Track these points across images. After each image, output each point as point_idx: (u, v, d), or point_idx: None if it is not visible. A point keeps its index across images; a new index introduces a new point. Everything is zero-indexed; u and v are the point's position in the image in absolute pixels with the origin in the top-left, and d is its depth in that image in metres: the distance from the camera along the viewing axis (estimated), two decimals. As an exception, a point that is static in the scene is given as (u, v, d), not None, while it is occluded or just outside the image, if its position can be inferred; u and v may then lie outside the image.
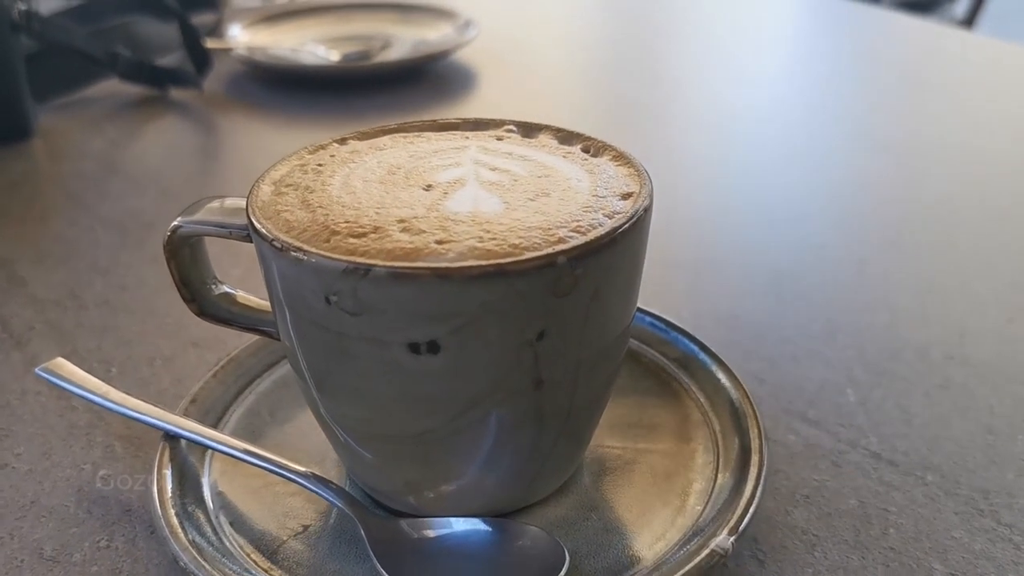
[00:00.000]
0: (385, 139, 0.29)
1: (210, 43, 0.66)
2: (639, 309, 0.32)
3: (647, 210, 0.24)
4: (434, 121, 0.30)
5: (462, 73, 0.69)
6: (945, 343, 0.35)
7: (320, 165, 0.27)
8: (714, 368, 0.31)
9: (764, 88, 0.67)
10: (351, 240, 0.22)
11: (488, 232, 0.22)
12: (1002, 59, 0.71)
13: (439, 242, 0.22)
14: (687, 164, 0.54)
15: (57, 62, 0.61)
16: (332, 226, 0.23)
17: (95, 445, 0.31)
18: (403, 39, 0.72)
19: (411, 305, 0.21)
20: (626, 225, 0.23)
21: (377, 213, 0.23)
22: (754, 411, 0.28)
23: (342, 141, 0.29)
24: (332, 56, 0.68)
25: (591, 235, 0.22)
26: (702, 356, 0.31)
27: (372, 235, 0.22)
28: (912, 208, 0.48)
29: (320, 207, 0.24)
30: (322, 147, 0.28)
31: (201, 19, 0.80)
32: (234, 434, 0.29)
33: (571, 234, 0.22)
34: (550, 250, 0.21)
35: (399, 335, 0.21)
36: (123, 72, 0.63)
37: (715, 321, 0.38)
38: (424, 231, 0.22)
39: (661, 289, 0.40)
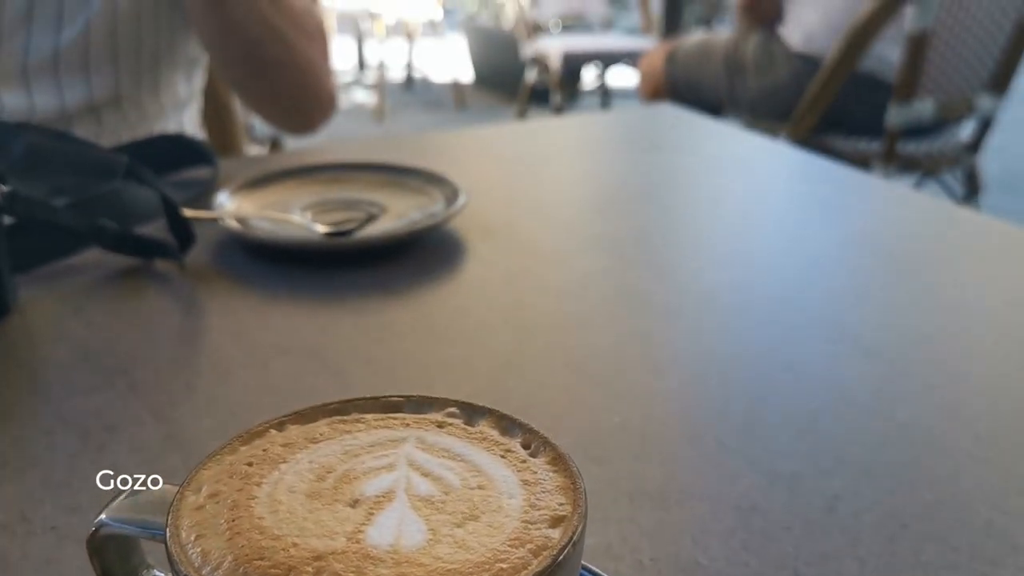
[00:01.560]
0: (323, 425, 0.28)
1: (194, 213, 0.67)
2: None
3: (575, 544, 0.23)
4: (376, 399, 0.29)
5: (448, 245, 0.70)
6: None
7: (250, 465, 0.26)
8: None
9: (749, 289, 0.66)
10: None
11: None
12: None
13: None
14: (665, 366, 0.53)
15: (39, 235, 0.62)
16: (245, 564, 0.22)
17: None
18: (392, 207, 0.73)
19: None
20: (550, 566, 0.22)
21: (295, 546, 0.22)
22: None
23: (280, 426, 0.28)
24: (318, 227, 0.68)
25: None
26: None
27: (283, 583, 0.21)
28: (888, 428, 0.47)
29: (239, 534, 0.23)
30: (258, 435, 0.28)
31: (196, 173, 0.82)
32: None
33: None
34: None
35: None
36: (106, 244, 0.63)
37: (676, 570, 0.36)
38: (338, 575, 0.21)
39: (625, 525, 0.39)
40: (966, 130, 2.21)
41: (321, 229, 0.68)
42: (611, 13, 3.85)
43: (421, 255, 0.68)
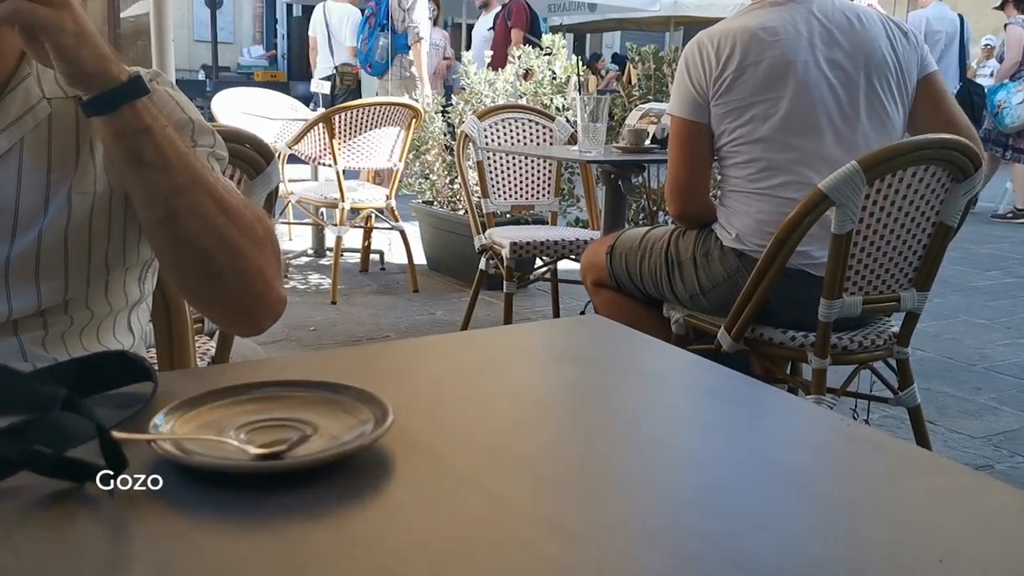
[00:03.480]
0: None
1: (126, 436, 0.69)
2: None
3: None
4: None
5: (375, 465, 0.72)
6: None
7: None
8: None
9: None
10: None
11: None
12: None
13: None
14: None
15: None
16: None
17: None
18: (324, 427, 0.76)
19: None
20: None
21: None
22: None
23: None
24: (250, 449, 0.71)
25: None
26: None
27: None
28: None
29: None
30: None
31: (138, 389, 0.85)
32: None
33: None
34: None
35: None
36: (40, 469, 0.65)
37: None
38: None
39: None
40: (897, 321, 2.31)
41: (252, 451, 0.71)
42: (560, 205, 4.03)
43: (349, 475, 0.71)
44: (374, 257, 5.10)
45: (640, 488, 0.70)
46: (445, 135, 4.91)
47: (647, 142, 3.11)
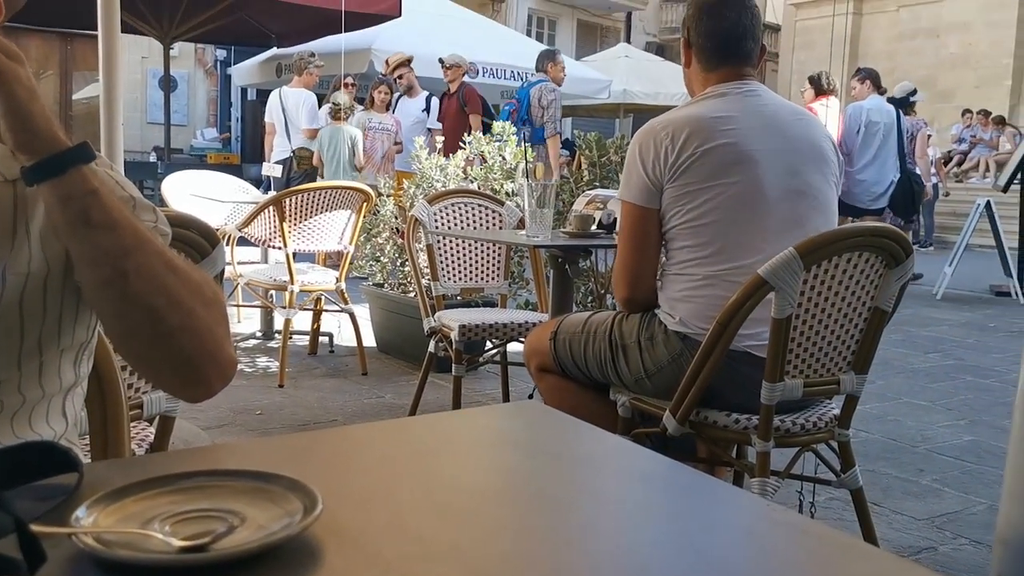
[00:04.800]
0: None
1: (46, 530, 0.68)
2: None
3: None
4: None
5: (303, 556, 0.72)
6: None
7: None
8: None
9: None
10: None
11: None
12: None
13: None
14: None
15: None
16: None
17: None
18: (252, 517, 0.75)
19: None
20: None
21: None
22: None
23: None
24: (174, 541, 0.70)
25: None
26: None
27: None
28: None
29: None
30: None
31: (63, 479, 0.83)
32: None
33: None
34: None
35: None
36: (-45, 565, 0.64)
37: None
38: None
39: None
40: (839, 403, 2.35)
41: (177, 544, 0.70)
42: (510, 288, 4.06)
43: (277, 566, 0.70)
44: (323, 340, 5.07)
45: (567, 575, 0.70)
46: (396, 218, 4.95)
47: (593, 227, 3.16)
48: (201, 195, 4.90)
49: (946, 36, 17.95)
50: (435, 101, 8.48)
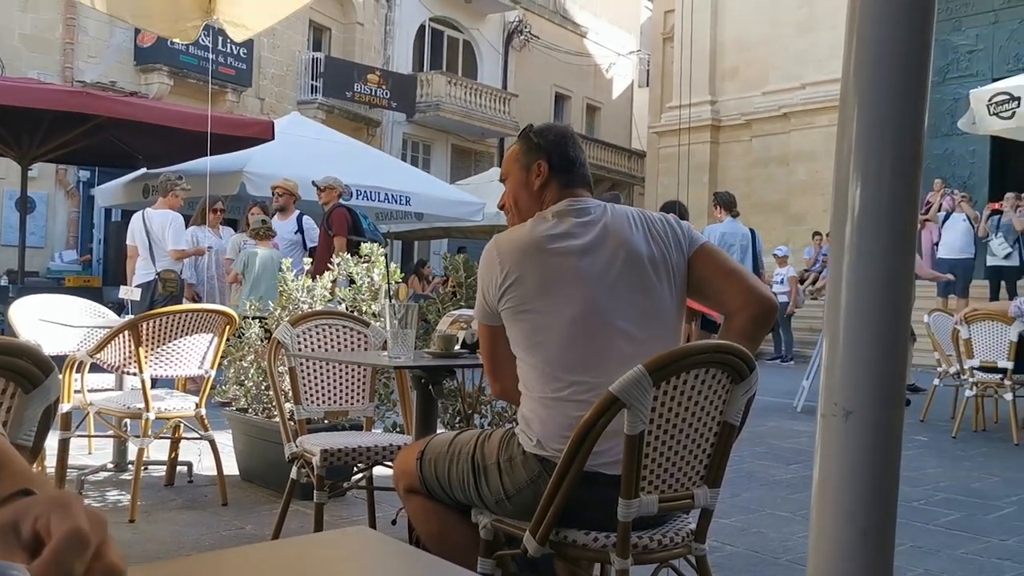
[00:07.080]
0: None
1: None
2: None
3: None
4: None
5: None
6: None
7: None
8: None
9: None
10: None
11: None
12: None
13: None
14: None
15: None
16: None
17: None
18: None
19: None
20: None
21: None
22: None
23: None
24: None
25: None
26: None
27: None
28: None
29: None
30: None
31: None
32: None
33: None
34: None
35: None
36: None
37: None
38: None
39: None
40: (695, 518, 2.37)
41: None
42: (377, 410, 4.01)
43: None
44: (182, 469, 4.84)
45: None
46: (261, 341, 4.85)
47: (457, 347, 3.17)
48: (51, 320, 4.69)
49: (795, 164, 19.20)
50: (307, 221, 8.47)
